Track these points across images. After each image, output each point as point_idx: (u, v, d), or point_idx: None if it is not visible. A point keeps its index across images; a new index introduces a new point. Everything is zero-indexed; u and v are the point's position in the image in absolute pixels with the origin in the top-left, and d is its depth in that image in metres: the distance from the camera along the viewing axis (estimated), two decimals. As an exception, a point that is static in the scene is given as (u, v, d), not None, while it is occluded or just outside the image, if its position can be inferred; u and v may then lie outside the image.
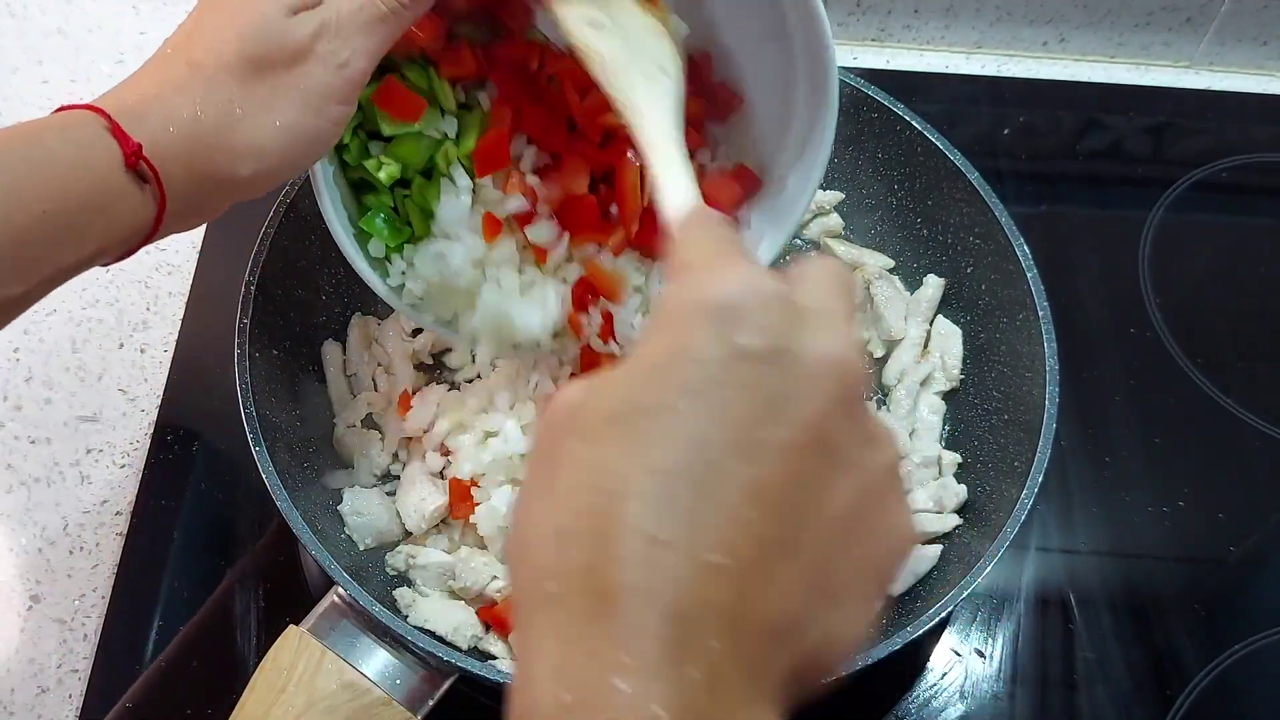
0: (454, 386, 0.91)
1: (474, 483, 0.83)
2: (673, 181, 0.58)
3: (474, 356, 0.90)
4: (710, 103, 0.79)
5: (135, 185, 0.58)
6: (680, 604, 0.35)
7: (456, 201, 0.76)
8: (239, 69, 0.60)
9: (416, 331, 0.93)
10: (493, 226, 0.77)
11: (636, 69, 0.64)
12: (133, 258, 0.63)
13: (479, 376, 0.90)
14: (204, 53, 0.60)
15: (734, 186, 0.79)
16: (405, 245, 0.78)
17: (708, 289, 0.39)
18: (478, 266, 0.78)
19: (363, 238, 0.78)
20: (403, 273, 0.79)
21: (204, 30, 0.62)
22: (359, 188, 0.78)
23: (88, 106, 0.58)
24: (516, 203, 0.76)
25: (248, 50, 0.60)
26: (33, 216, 0.55)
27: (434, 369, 0.93)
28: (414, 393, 0.89)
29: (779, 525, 0.37)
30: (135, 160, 0.57)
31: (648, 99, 0.64)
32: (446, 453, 0.86)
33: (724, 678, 0.35)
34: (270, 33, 0.60)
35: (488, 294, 0.78)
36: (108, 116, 0.57)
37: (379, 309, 0.95)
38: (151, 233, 0.61)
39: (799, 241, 1.03)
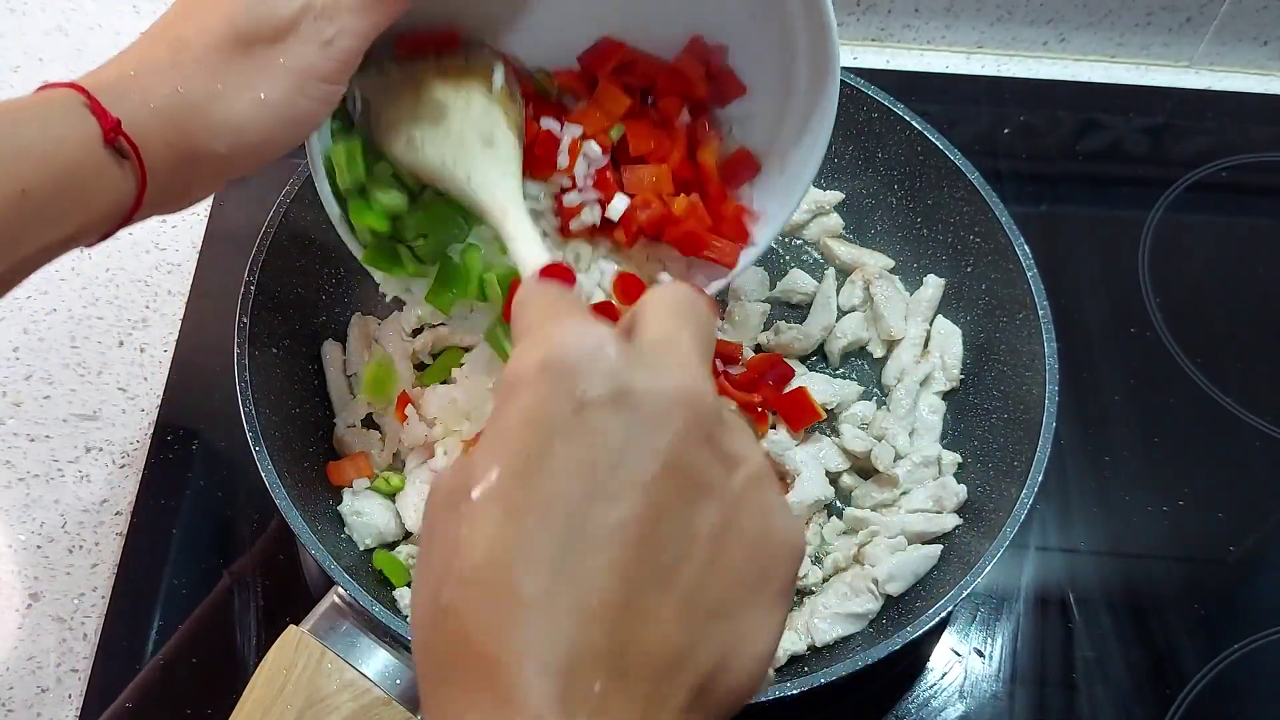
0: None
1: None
2: (520, 253, 0.61)
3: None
4: (716, 89, 0.78)
5: (114, 161, 0.57)
6: (559, 657, 0.36)
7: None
8: (225, 45, 0.60)
9: (417, 331, 0.93)
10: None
11: (463, 158, 0.65)
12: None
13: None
14: (191, 30, 0.60)
15: (739, 169, 0.79)
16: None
17: (541, 349, 0.41)
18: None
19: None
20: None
21: (191, 9, 0.61)
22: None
23: (68, 84, 0.57)
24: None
25: (234, 26, 0.60)
26: (11, 195, 0.55)
27: (434, 368, 0.93)
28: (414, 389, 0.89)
29: (646, 560, 0.38)
30: (114, 136, 0.57)
31: (480, 178, 0.65)
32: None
33: (617, 718, 0.36)
34: (257, 8, 0.60)
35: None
36: (87, 93, 0.57)
37: (379, 309, 0.95)
38: (132, 211, 0.60)
39: (799, 242, 1.03)
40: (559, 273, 0.51)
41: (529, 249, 0.61)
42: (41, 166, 0.55)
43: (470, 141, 0.66)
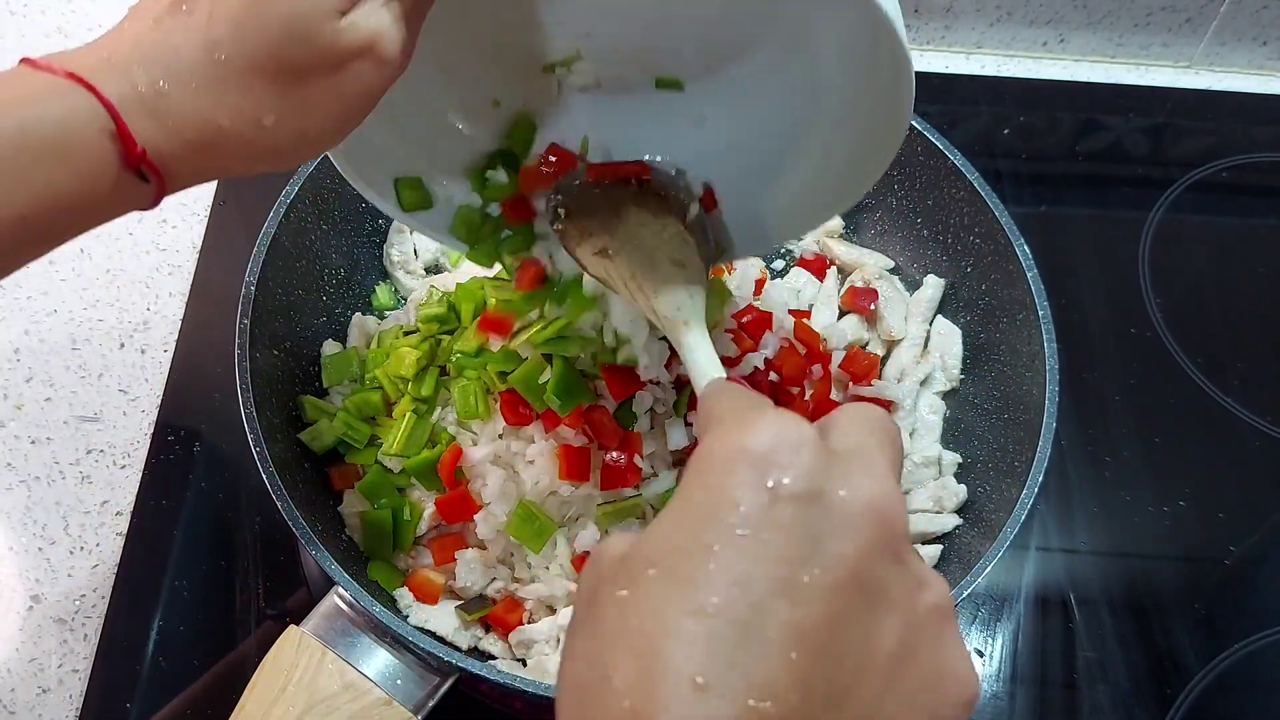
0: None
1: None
2: (699, 361, 0.62)
3: None
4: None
5: (132, 181, 0.53)
6: None
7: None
8: (273, 73, 0.52)
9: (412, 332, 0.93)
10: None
11: (651, 273, 0.66)
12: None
13: None
14: (232, 41, 0.51)
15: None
16: None
17: (743, 436, 0.40)
18: None
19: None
20: None
21: (231, 6, 0.52)
22: None
23: (91, 89, 0.50)
24: None
25: (287, 53, 0.52)
26: (8, 219, 0.50)
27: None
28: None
29: (823, 668, 0.36)
30: (138, 163, 0.52)
31: (667, 296, 0.66)
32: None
33: None
34: (315, 38, 0.52)
35: None
36: (114, 111, 0.51)
37: (379, 309, 0.95)
38: (141, 210, 0.56)
39: (798, 242, 1.03)
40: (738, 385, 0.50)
41: (707, 361, 0.61)
42: (50, 197, 0.51)
43: (661, 260, 0.67)
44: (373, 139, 0.68)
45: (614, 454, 0.78)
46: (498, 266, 0.79)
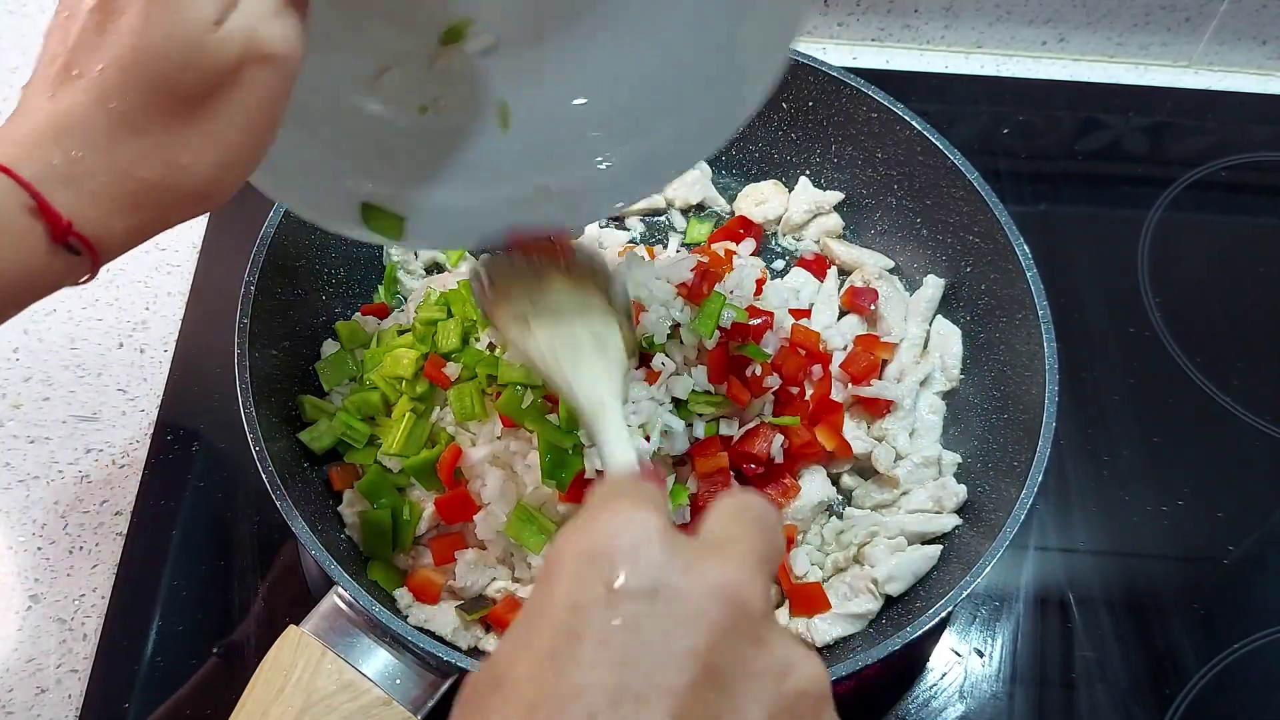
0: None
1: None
2: (611, 447, 0.59)
3: None
4: None
5: (64, 255, 0.51)
6: None
7: None
8: (171, 106, 0.50)
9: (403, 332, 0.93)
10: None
11: (570, 350, 0.65)
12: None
13: None
14: (122, 90, 0.50)
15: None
16: None
17: (584, 532, 0.39)
18: None
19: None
20: None
21: (113, 54, 0.50)
22: None
23: (9, 174, 0.50)
24: None
25: (176, 81, 0.50)
26: None
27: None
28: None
29: None
30: (65, 236, 0.50)
31: (587, 375, 0.64)
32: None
33: None
34: (196, 58, 0.50)
35: None
36: (32, 191, 0.50)
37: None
38: (78, 283, 0.55)
39: (798, 242, 1.03)
40: (646, 474, 0.49)
41: (619, 449, 0.59)
42: None
43: (583, 340, 0.66)
44: (299, 155, 0.65)
45: None
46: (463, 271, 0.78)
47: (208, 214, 1.05)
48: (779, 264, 1.02)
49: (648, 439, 0.78)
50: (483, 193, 0.72)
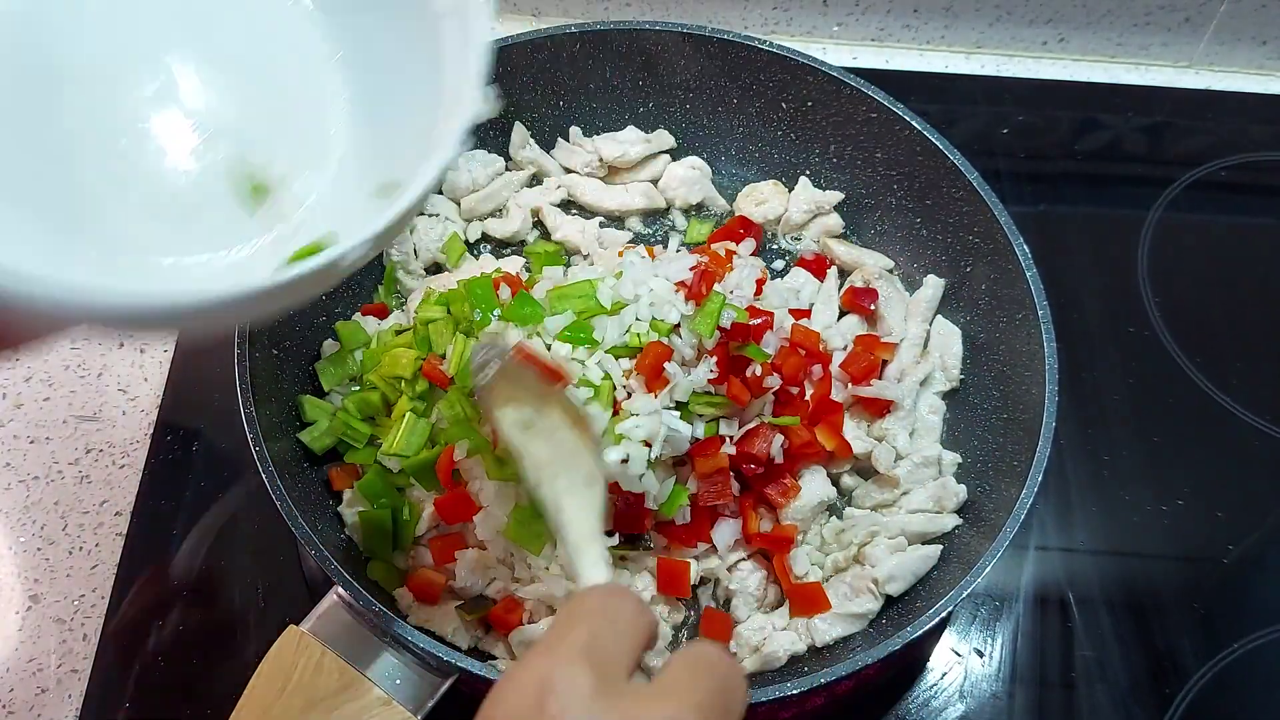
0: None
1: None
2: (589, 575, 0.61)
3: None
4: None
5: None
6: None
7: None
8: None
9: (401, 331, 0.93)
10: None
11: (565, 476, 0.67)
12: None
13: None
14: None
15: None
16: None
17: (513, 687, 0.42)
18: None
19: None
20: None
21: None
22: None
23: None
24: None
25: None
26: None
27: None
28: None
29: None
30: None
31: (575, 505, 0.66)
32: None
33: None
34: None
35: None
36: None
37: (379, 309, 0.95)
38: None
39: (798, 242, 1.03)
40: (619, 591, 0.51)
41: (596, 574, 0.61)
42: None
43: (578, 468, 0.67)
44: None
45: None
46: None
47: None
48: (779, 264, 1.02)
49: (648, 445, 0.79)
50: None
